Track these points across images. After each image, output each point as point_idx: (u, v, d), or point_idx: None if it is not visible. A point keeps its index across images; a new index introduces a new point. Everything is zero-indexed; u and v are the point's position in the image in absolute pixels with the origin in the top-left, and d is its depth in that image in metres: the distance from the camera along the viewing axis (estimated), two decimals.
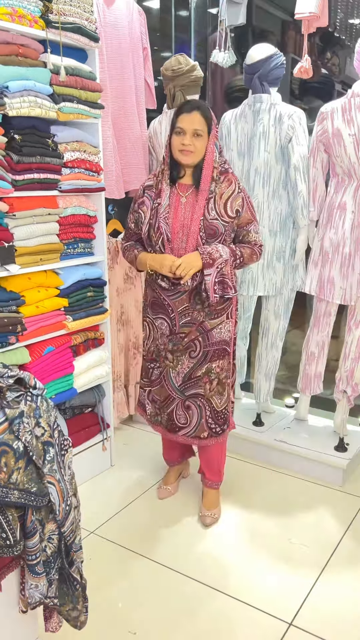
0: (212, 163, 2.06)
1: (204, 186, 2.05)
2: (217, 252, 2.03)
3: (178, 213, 2.07)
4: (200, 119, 2.02)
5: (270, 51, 2.49)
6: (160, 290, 2.14)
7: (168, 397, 2.25)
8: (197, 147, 2.03)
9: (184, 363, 2.19)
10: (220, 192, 2.06)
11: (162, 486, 2.54)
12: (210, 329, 2.15)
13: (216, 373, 2.20)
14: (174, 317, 2.15)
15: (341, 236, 2.46)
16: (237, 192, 2.09)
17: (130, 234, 2.25)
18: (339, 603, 1.91)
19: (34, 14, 2.07)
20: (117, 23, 2.69)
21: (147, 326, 2.28)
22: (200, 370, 2.18)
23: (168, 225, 2.06)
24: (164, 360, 2.22)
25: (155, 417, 2.34)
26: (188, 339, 2.16)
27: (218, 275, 2.04)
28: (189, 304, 2.12)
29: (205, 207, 2.04)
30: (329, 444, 2.70)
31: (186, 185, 2.10)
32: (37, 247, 2.21)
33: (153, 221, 2.08)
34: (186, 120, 2.02)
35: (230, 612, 1.87)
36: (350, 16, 3.10)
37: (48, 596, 1.49)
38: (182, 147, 2.03)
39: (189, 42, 3.39)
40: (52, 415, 1.48)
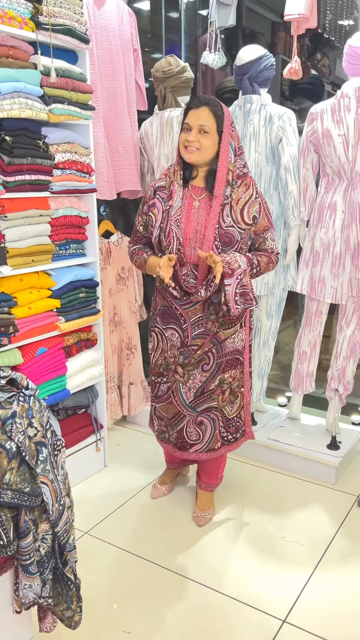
0: (226, 165, 1.92)
1: (219, 191, 1.92)
2: (235, 262, 1.90)
3: (191, 217, 1.95)
4: (209, 114, 1.89)
5: (259, 52, 2.51)
6: (172, 298, 2.01)
7: (177, 414, 2.13)
8: (203, 145, 1.90)
9: (196, 377, 2.06)
10: (237, 198, 1.94)
11: (157, 486, 2.51)
12: (224, 339, 2.04)
13: (228, 383, 2.11)
14: (186, 328, 2.02)
15: (332, 236, 2.48)
16: (255, 197, 1.97)
17: (138, 237, 2.14)
18: (332, 600, 1.93)
19: (24, 16, 2.07)
20: (107, 24, 2.69)
21: (155, 337, 2.14)
22: (213, 383, 2.08)
23: (180, 229, 1.94)
24: (173, 375, 2.09)
25: (162, 434, 2.23)
26: (201, 352, 2.04)
27: (239, 286, 1.91)
28: (202, 314, 2.00)
29: (221, 214, 1.92)
30: (322, 442, 2.72)
31: (199, 187, 1.98)
32: (29, 249, 2.21)
33: (164, 224, 1.96)
34: (193, 115, 1.90)
35: (224, 610, 1.88)
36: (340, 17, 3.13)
37: (42, 596, 1.50)
38: (186, 144, 1.91)
39: (180, 44, 3.40)
40: (45, 415, 1.49)
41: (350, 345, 2.66)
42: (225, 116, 1.92)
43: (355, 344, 2.66)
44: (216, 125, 1.90)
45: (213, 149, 1.92)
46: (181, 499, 2.49)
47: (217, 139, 1.92)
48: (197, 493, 2.42)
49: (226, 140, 1.92)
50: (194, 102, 1.93)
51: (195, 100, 1.93)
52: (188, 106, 1.94)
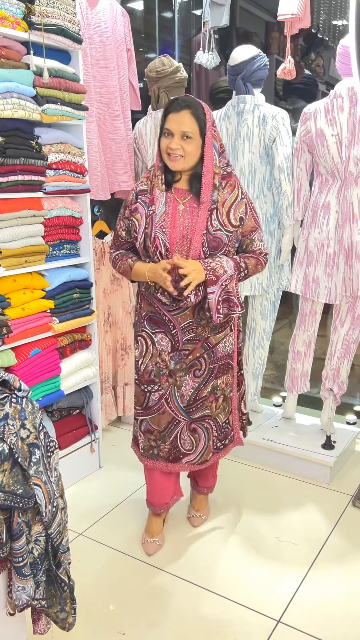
0: (211, 169, 1.83)
1: (205, 196, 1.83)
2: (221, 268, 1.83)
3: (176, 222, 1.86)
4: (190, 118, 1.79)
5: (253, 52, 2.51)
6: (159, 304, 1.92)
7: (171, 421, 2.02)
8: (187, 151, 1.80)
9: (188, 383, 1.98)
10: (223, 200, 1.86)
11: (149, 539, 2.19)
12: (215, 344, 1.98)
13: (221, 389, 2.05)
14: (175, 334, 1.93)
15: (325, 236, 2.48)
16: (241, 198, 1.89)
17: (120, 242, 2.02)
18: (326, 599, 1.93)
19: (16, 16, 2.07)
20: (100, 24, 2.69)
21: (143, 342, 2.01)
22: (206, 389, 2.00)
23: (166, 235, 1.85)
24: (167, 380, 1.99)
25: (149, 450, 2.07)
26: (193, 357, 1.96)
27: (222, 293, 1.85)
28: (193, 320, 1.92)
29: (209, 219, 1.84)
30: (317, 442, 2.72)
31: (183, 190, 1.89)
32: (22, 249, 2.20)
33: (148, 230, 1.86)
34: (174, 120, 1.79)
35: (219, 611, 1.88)
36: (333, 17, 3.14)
37: (35, 598, 1.49)
38: (169, 152, 1.81)
39: (173, 44, 3.40)
40: (38, 417, 1.48)
41: (344, 345, 2.66)
42: (207, 117, 1.82)
43: (350, 343, 2.66)
44: (199, 128, 1.80)
45: (197, 154, 1.83)
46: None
47: (201, 142, 1.82)
48: (192, 494, 2.41)
49: (210, 143, 1.83)
50: (173, 105, 1.81)
51: (175, 104, 1.80)
52: (167, 110, 1.81)
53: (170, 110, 1.81)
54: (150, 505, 2.21)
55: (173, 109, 1.80)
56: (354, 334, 2.65)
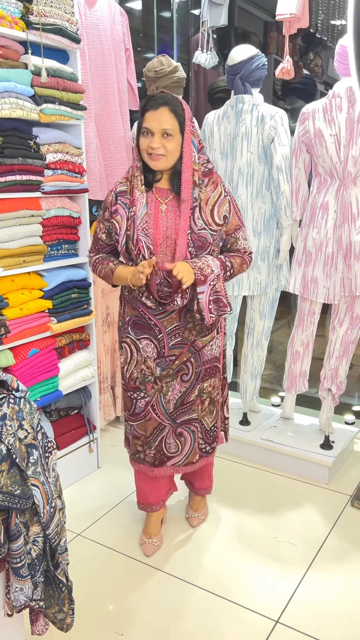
0: (191, 166, 1.79)
1: (186, 195, 1.78)
2: (208, 267, 1.79)
3: (159, 222, 1.82)
4: (170, 115, 1.74)
5: (251, 52, 2.51)
6: (144, 309, 1.88)
7: (157, 426, 2.00)
8: (168, 149, 1.76)
9: (175, 388, 1.95)
10: (206, 198, 1.82)
11: (147, 540, 2.18)
12: (202, 347, 1.95)
13: (208, 392, 2.03)
14: (162, 339, 1.89)
15: (324, 236, 2.48)
16: (224, 195, 1.86)
17: (100, 245, 1.97)
18: (325, 600, 1.93)
19: (14, 15, 2.06)
20: (99, 24, 2.69)
21: (127, 348, 1.96)
22: (193, 393, 1.98)
23: (149, 237, 1.80)
24: (152, 387, 1.96)
25: (136, 454, 2.07)
26: (179, 362, 1.92)
27: (212, 292, 1.81)
28: (179, 323, 1.88)
29: (192, 218, 1.79)
30: (315, 442, 2.72)
31: (164, 189, 1.85)
32: (20, 249, 2.20)
33: (130, 232, 1.80)
34: (153, 119, 1.74)
35: (218, 611, 1.88)
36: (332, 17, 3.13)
37: (33, 599, 1.49)
38: (150, 151, 1.77)
39: (172, 43, 3.40)
40: (36, 417, 1.48)
41: (342, 345, 2.66)
42: (186, 113, 1.79)
43: (348, 343, 2.66)
44: (178, 125, 1.76)
45: (178, 151, 1.79)
46: (174, 500, 2.48)
47: (181, 139, 1.79)
48: (190, 495, 2.41)
49: (188, 140, 1.79)
50: (150, 103, 1.75)
51: (152, 101, 1.75)
52: (145, 108, 1.76)
53: (148, 108, 1.76)
54: (142, 505, 2.21)
55: (150, 106, 1.75)
56: (352, 333, 2.65)
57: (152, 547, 2.16)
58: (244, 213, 2.60)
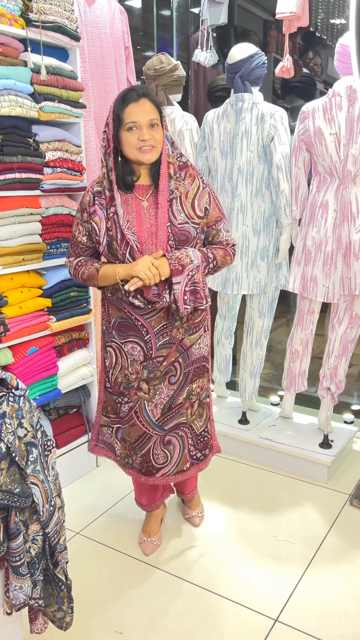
0: (166, 158, 1.77)
1: (162, 186, 1.75)
2: (187, 257, 1.76)
3: (142, 220, 1.77)
4: (152, 106, 1.71)
5: (251, 51, 2.50)
6: (131, 309, 1.83)
7: (142, 436, 1.93)
8: (157, 139, 1.73)
9: (163, 392, 1.89)
10: (185, 191, 1.79)
11: (146, 539, 2.17)
12: (190, 346, 1.89)
13: (197, 394, 1.96)
14: (149, 340, 1.84)
15: (323, 235, 2.48)
16: (202, 187, 1.83)
17: (81, 248, 1.89)
18: (324, 598, 1.93)
19: (14, 13, 2.06)
20: (98, 22, 2.68)
21: (112, 353, 1.92)
22: (181, 395, 1.91)
23: (134, 234, 1.76)
24: (136, 393, 1.90)
25: (125, 459, 2.01)
26: (167, 362, 1.86)
27: (189, 283, 1.77)
28: (167, 322, 1.84)
29: (170, 210, 1.76)
30: (314, 441, 2.72)
31: (144, 186, 1.81)
32: (20, 247, 2.19)
33: (113, 232, 1.76)
34: (138, 111, 1.68)
35: (217, 610, 1.88)
36: (332, 16, 3.13)
37: (33, 597, 1.49)
38: (142, 144, 1.70)
39: (171, 42, 3.39)
40: (35, 415, 1.48)
41: (342, 343, 2.66)
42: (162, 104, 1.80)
43: (347, 342, 2.67)
44: (160, 116, 1.74)
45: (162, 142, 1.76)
46: (172, 498, 2.48)
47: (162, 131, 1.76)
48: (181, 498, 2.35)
49: (164, 132, 1.77)
50: (130, 94, 1.69)
51: (132, 93, 1.70)
52: (126, 101, 1.69)
53: (130, 100, 1.69)
54: (140, 505, 2.20)
55: (132, 99, 1.69)
56: (351, 332, 2.65)
57: (151, 546, 2.16)
58: (244, 212, 2.59)
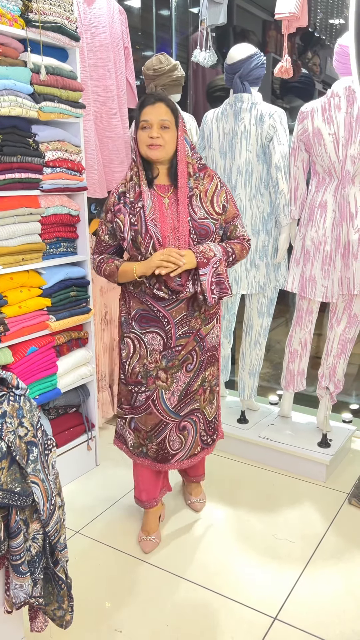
0: (184, 158, 1.91)
1: (182, 183, 1.90)
2: (210, 251, 1.89)
3: (164, 215, 1.91)
4: (166, 109, 1.87)
5: (250, 51, 2.51)
6: (153, 301, 1.94)
7: (159, 423, 2.03)
8: (166, 140, 1.87)
9: (180, 379, 2.01)
10: (204, 189, 1.93)
11: (146, 537, 2.19)
12: (205, 335, 2.03)
13: (208, 381, 2.10)
14: (169, 330, 1.95)
15: (322, 235, 2.49)
16: (220, 186, 1.97)
17: (104, 246, 2.03)
18: (323, 597, 1.94)
19: (14, 13, 2.06)
20: (97, 22, 2.68)
21: (130, 343, 2.02)
22: (196, 382, 2.05)
23: (157, 227, 1.89)
24: (154, 382, 2.00)
25: (138, 448, 2.09)
26: (185, 351, 1.99)
27: (214, 275, 1.90)
28: (187, 312, 1.96)
29: (190, 206, 1.90)
30: (313, 440, 2.73)
31: (164, 185, 1.95)
32: (19, 247, 2.20)
33: (138, 226, 1.89)
34: (151, 112, 1.86)
35: (216, 608, 1.89)
36: (330, 16, 3.14)
37: (33, 596, 1.49)
38: (150, 142, 1.87)
39: (171, 42, 3.39)
40: (35, 415, 1.48)
41: (340, 343, 2.67)
42: (179, 112, 1.93)
43: (346, 342, 2.67)
44: (174, 119, 1.89)
45: (174, 144, 1.91)
46: (171, 497, 2.49)
47: (176, 134, 1.91)
48: (185, 483, 2.45)
49: (182, 135, 1.92)
50: (148, 99, 1.89)
51: (149, 97, 1.89)
52: (142, 103, 1.89)
53: (146, 103, 1.88)
54: (139, 501, 2.22)
55: (149, 102, 1.88)
56: (350, 332, 2.66)
57: (150, 544, 2.17)
58: (243, 212, 2.60)
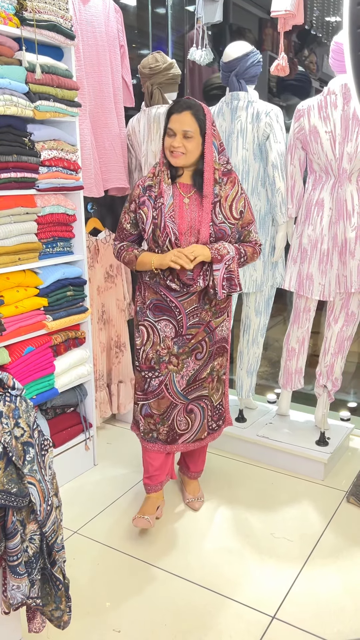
0: (212, 165, 2.00)
1: (208, 190, 1.99)
2: (224, 249, 2.00)
3: (184, 213, 2.01)
4: (191, 119, 1.95)
5: (246, 49, 2.50)
6: (166, 291, 2.06)
7: (170, 405, 2.16)
8: (188, 149, 1.97)
9: (189, 365, 2.13)
10: (225, 195, 2.02)
11: (139, 516, 2.21)
12: (215, 327, 2.14)
13: (217, 371, 2.21)
14: (180, 319, 2.08)
15: (319, 233, 2.48)
16: (240, 193, 2.06)
17: (125, 234, 2.14)
18: (321, 595, 1.94)
19: (8, 12, 2.05)
20: (93, 20, 2.67)
21: (144, 330, 2.14)
22: (205, 371, 2.17)
23: (175, 224, 1.99)
24: (167, 367, 2.12)
25: (149, 433, 2.20)
26: (195, 340, 2.11)
27: (226, 271, 2.00)
28: (198, 304, 2.08)
29: (213, 212, 2.00)
30: (311, 439, 2.73)
31: (187, 185, 2.05)
32: (15, 247, 2.19)
33: (158, 220, 2.00)
34: (176, 120, 1.96)
35: (214, 608, 1.89)
36: (326, 14, 3.13)
37: (30, 597, 1.49)
38: (172, 149, 1.98)
39: (166, 40, 3.39)
40: (32, 415, 1.48)
41: (338, 341, 2.67)
42: (207, 117, 1.98)
43: (343, 340, 2.67)
44: (199, 128, 1.97)
45: (197, 151, 1.99)
46: (169, 497, 2.49)
47: (201, 141, 1.99)
48: (185, 482, 2.48)
49: (209, 142, 1.99)
50: (176, 107, 1.98)
51: (177, 105, 1.98)
52: (170, 111, 1.99)
53: (173, 111, 1.98)
54: (147, 485, 2.30)
55: (175, 110, 1.97)
56: (347, 330, 2.66)
57: (143, 521, 2.17)
58: None
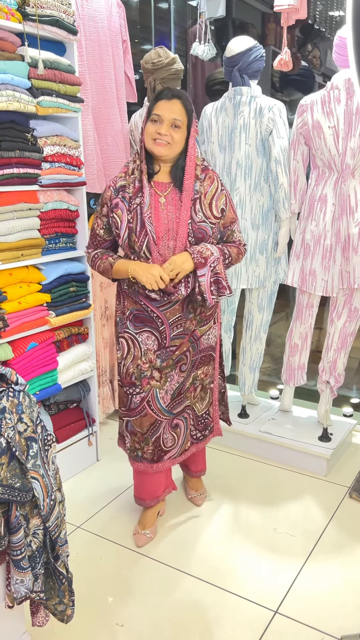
0: (194, 160, 1.87)
1: (188, 186, 1.85)
2: (207, 250, 1.85)
3: (159, 214, 1.86)
4: (181, 108, 1.82)
5: (249, 44, 2.49)
6: (147, 301, 1.91)
7: (154, 423, 2.03)
8: (175, 139, 1.82)
9: (173, 379, 2.00)
10: (204, 192, 1.89)
11: (140, 532, 2.18)
12: (200, 336, 2.02)
13: (200, 379, 2.10)
14: (163, 330, 1.93)
15: (322, 228, 2.48)
16: (220, 189, 1.93)
17: (98, 241, 1.99)
18: (323, 590, 1.94)
19: (11, 7, 2.05)
20: (95, 15, 2.67)
21: (125, 343, 1.98)
22: (188, 381, 2.05)
23: (153, 226, 1.84)
24: (149, 382, 1.98)
25: (134, 452, 2.08)
26: (179, 352, 1.97)
27: (212, 274, 1.86)
28: (182, 314, 1.93)
29: (192, 209, 1.86)
30: (313, 434, 2.73)
31: (163, 183, 1.89)
32: (18, 243, 2.19)
33: (133, 224, 1.84)
34: (165, 107, 1.81)
35: (217, 602, 1.89)
36: (330, 9, 3.12)
37: (34, 591, 1.50)
38: (156, 137, 1.81)
39: (169, 35, 3.38)
40: (35, 410, 1.48)
41: (341, 337, 2.67)
42: (193, 111, 1.89)
43: (346, 336, 2.67)
44: (187, 120, 1.85)
45: (182, 145, 1.86)
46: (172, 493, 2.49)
47: (186, 134, 1.86)
48: (187, 478, 2.46)
49: (193, 136, 1.88)
50: (165, 93, 1.83)
51: (167, 92, 1.84)
52: (158, 96, 1.84)
53: (162, 97, 1.83)
54: (139, 500, 2.21)
55: (164, 96, 1.83)
56: (350, 326, 2.65)
57: (144, 539, 2.16)
58: (242, 206, 2.59)
